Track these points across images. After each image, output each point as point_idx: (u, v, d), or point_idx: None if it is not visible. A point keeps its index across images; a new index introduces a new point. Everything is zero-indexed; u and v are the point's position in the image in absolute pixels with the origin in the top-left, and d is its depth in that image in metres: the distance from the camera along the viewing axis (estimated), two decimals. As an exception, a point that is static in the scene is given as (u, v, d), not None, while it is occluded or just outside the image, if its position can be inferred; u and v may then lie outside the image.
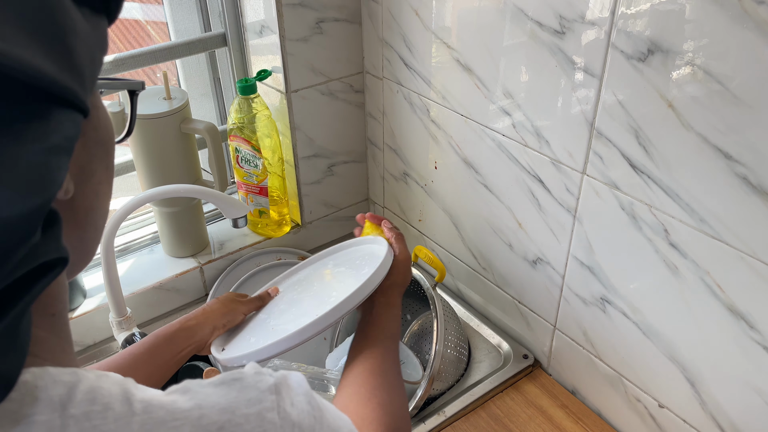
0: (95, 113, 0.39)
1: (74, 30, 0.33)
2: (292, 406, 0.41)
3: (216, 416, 0.37)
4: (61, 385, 0.34)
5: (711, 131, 0.70)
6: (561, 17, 0.82)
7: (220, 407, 0.38)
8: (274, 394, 0.40)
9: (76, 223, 0.39)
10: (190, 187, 1.01)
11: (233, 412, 0.38)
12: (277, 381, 0.41)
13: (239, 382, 0.40)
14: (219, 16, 1.19)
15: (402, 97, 1.16)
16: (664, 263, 0.81)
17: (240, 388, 0.39)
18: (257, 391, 0.40)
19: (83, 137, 0.37)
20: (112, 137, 0.42)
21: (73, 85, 0.33)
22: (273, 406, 0.40)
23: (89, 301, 1.12)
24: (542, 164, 0.93)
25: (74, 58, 0.33)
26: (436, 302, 1.02)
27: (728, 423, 0.82)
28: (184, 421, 0.36)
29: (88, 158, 0.38)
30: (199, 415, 0.37)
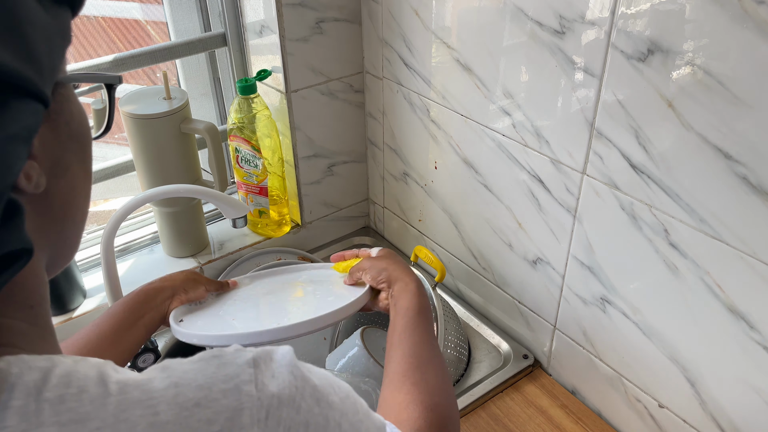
0: (67, 106, 0.39)
1: (29, 19, 0.33)
2: (272, 378, 0.40)
3: (192, 393, 0.37)
4: (36, 371, 0.34)
5: (711, 131, 0.70)
6: (561, 17, 0.82)
7: (197, 384, 0.37)
8: (252, 368, 0.40)
9: (53, 218, 0.39)
10: (190, 187, 1.00)
11: (210, 388, 0.37)
12: (256, 355, 0.41)
13: (218, 358, 0.40)
14: (219, 16, 1.19)
15: (402, 97, 1.16)
16: (664, 263, 0.81)
17: (218, 365, 0.39)
18: (235, 366, 0.39)
19: (55, 131, 0.37)
20: (87, 132, 0.42)
21: (29, 73, 0.33)
22: (250, 379, 0.39)
23: (89, 301, 1.12)
24: (542, 164, 0.93)
25: (30, 47, 0.33)
26: (436, 302, 1.02)
27: (728, 423, 0.82)
28: (160, 400, 0.36)
29: (61, 152, 0.38)
30: (175, 393, 0.36)
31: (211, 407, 0.37)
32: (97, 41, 2.33)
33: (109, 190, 1.29)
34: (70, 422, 0.33)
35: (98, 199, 1.42)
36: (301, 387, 0.41)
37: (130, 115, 1.05)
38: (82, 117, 0.41)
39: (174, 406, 0.36)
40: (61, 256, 0.42)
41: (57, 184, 0.38)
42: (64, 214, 0.40)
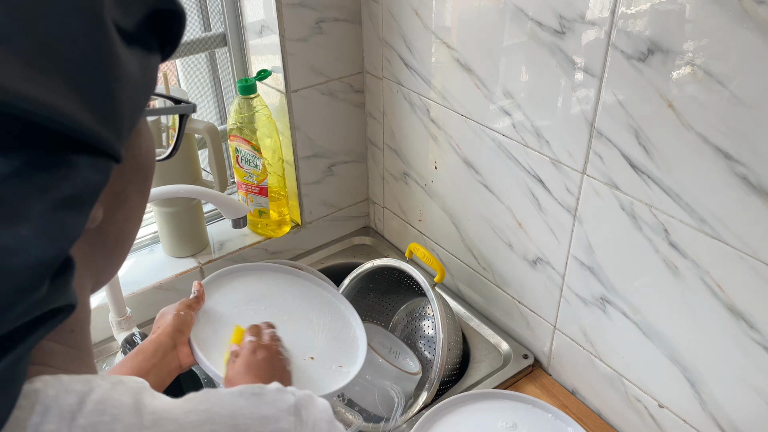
0: (137, 140, 0.38)
1: (120, 78, 0.32)
2: (313, 429, 0.39)
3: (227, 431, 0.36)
4: (73, 395, 0.33)
5: (711, 131, 0.70)
6: (561, 17, 0.82)
7: (234, 423, 0.36)
8: (293, 416, 0.38)
9: (104, 249, 0.38)
10: (190, 188, 1.00)
11: (246, 429, 0.36)
12: (298, 401, 0.40)
13: (258, 397, 0.39)
14: (219, 16, 1.19)
15: (402, 97, 1.16)
16: (664, 263, 0.81)
17: (258, 404, 0.38)
18: (276, 409, 0.38)
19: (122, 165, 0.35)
20: (152, 163, 0.41)
21: (110, 135, 0.31)
22: (290, 428, 0.38)
23: (89, 301, 1.12)
24: (542, 164, 0.93)
25: (115, 106, 0.31)
26: (436, 303, 1.02)
27: (728, 423, 0.82)
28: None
29: (123, 184, 0.37)
30: (210, 431, 0.36)
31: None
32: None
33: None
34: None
35: (98, 199, 1.42)
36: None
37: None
38: (150, 149, 0.40)
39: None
40: (105, 280, 0.42)
41: (113, 216, 0.37)
42: (116, 243, 0.39)
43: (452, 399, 0.97)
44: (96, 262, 0.38)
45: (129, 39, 0.33)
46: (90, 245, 0.37)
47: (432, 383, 0.99)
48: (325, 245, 1.37)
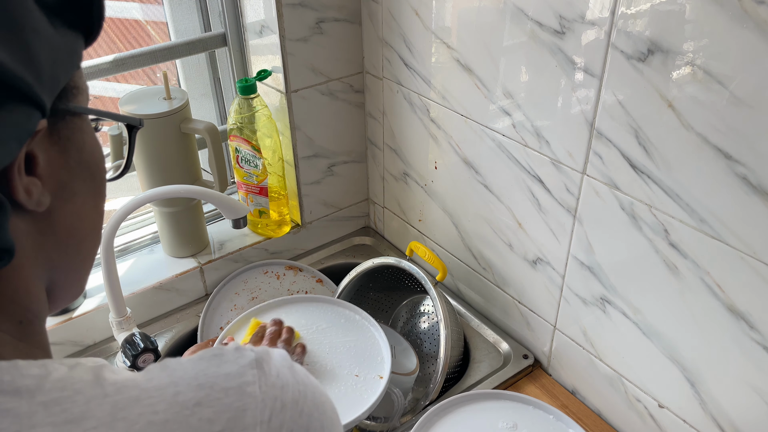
0: (80, 136, 0.40)
1: (33, 27, 0.34)
2: (277, 377, 0.40)
3: (193, 392, 0.36)
4: (30, 378, 0.34)
5: (711, 131, 0.70)
6: (561, 17, 0.82)
7: (198, 383, 0.37)
8: (255, 369, 0.39)
9: (56, 241, 0.39)
10: (190, 188, 1.01)
11: (211, 387, 0.37)
12: (258, 356, 0.40)
13: (219, 357, 0.39)
14: (219, 16, 1.19)
15: (402, 97, 1.16)
16: (664, 263, 0.81)
17: (219, 363, 0.39)
18: (237, 365, 0.39)
19: (64, 155, 0.38)
20: (99, 164, 0.42)
21: (26, 77, 0.33)
22: (254, 380, 0.38)
23: (89, 301, 1.12)
24: (542, 164, 0.93)
25: (31, 52, 0.34)
26: (438, 301, 1.02)
27: (728, 423, 0.82)
28: (160, 399, 0.35)
29: (69, 177, 0.39)
30: (175, 392, 0.36)
31: (213, 406, 0.36)
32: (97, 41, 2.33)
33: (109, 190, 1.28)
34: (64, 423, 0.33)
35: (98, 199, 1.42)
36: (303, 391, 0.41)
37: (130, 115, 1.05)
38: (96, 151, 0.42)
39: (174, 405, 0.35)
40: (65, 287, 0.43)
41: (62, 207, 0.39)
42: (68, 239, 0.40)
43: (452, 399, 0.97)
44: (48, 254, 0.39)
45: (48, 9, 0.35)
46: (40, 232, 0.38)
47: (436, 381, 0.99)
48: (325, 245, 1.37)
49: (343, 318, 1.03)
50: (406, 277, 1.17)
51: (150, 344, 1.00)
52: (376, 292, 1.20)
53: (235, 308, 1.18)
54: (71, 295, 0.44)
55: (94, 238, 0.44)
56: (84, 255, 0.43)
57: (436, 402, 0.96)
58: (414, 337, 1.19)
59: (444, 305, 1.03)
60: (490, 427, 0.93)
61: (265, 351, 0.41)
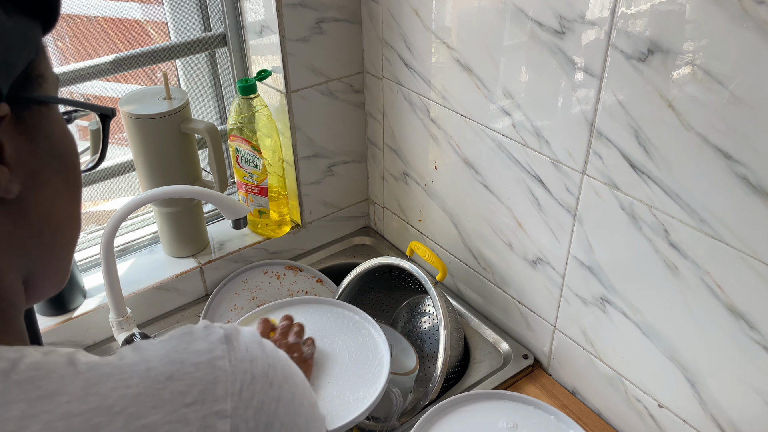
0: (47, 124, 0.40)
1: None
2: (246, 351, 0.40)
3: (164, 367, 0.37)
4: (4, 361, 0.34)
5: (711, 131, 0.70)
6: (561, 17, 0.82)
7: (169, 358, 0.38)
8: (224, 344, 0.40)
9: (29, 228, 0.40)
10: (190, 188, 1.00)
11: (182, 362, 0.38)
12: (227, 332, 0.41)
13: (189, 335, 0.40)
14: (219, 16, 1.19)
15: (402, 97, 1.16)
16: (664, 263, 0.81)
17: (189, 341, 0.40)
18: (207, 342, 0.40)
19: (32, 144, 0.39)
20: (71, 152, 0.42)
21: None
22: (224, 355, 0.39)
23: (89, 301, 1.12)
24: (542, 164, 0.93)
25: None
26: (438, 301, 1.02)
27: (728, 423, 0.82)
28: (132, 374, 0.36)
29: (39, 164, 0.39)
30: (146, 368, 0.37)
31: (184, 380, 0.37)
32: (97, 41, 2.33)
33: (109, 190, 1.29)
34: (38, 398, 0.33)
35: (98, 199, 1.42)
36: (272, 364, 0.42)
37: (130, 115, 1.05)
38: (66, 139, 0.42)
39: (146, 379, 0.36)
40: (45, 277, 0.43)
41: (34, 196, 0.39)
42: (42, 228, 0.41)
43: (452, 399, 0.97)
44: (23, 244, 0.40)
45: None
46: (11, 220, 0.38)
47: (436, 381, 0.99)
48: (325, 245, 1.37)
49: (342, 319, 1.03)
50: (407, 277, 1.17)
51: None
52: (376, 292, 1.20)
53: (235, 308, 1.18)
54: (52, 285, 0.44)
55: (71, 226, 0.44)
56: (60, 244, 0.43)
57: (436, 402, 0.96)
58: (414, 337, 1.19)
59: (444, 305, 1.03)
60: (490, 427, 0.93)
61: (234, 328, 0.42)
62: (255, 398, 0.39)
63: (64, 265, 0.45)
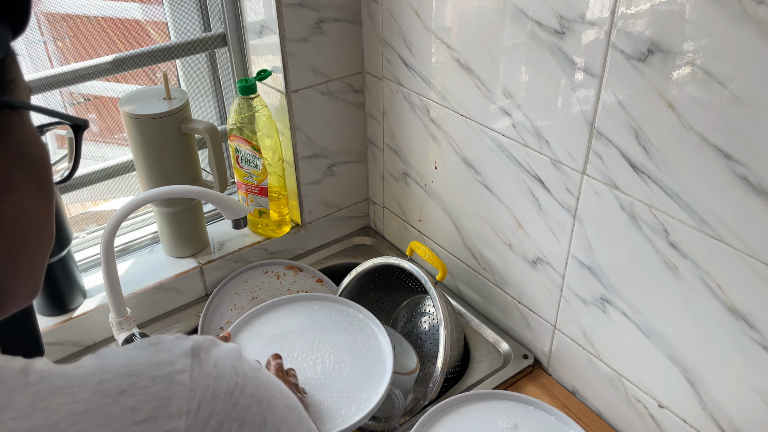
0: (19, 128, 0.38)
1: None
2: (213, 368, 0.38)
3: (118, 380, 0.35)
4: None
5: (711, 131, 0.70)
6: (561, 17, 0.82)
7: (125, 370, 0.36)
8: (189, 357, 0.38)
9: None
10: (190, 188, 1.00)
11: (139, 375, 0.36)
12: (196, 344, 0.39)
13: (154, 346, 0.38)
14: (219, 16, 1.19)
15: (402, 97, 1.16)
16: (664, 263, 0.81)
17: (153, 352, 0.38)
18: (171, 354, 0.38)
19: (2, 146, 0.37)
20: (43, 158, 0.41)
21: None
22: (185, 369, 0.37)
23: (89, 301, 1.12)
24: (542, 164, 0.93)
25: None
26: (438, 301, 1.02)
27: (728, 423, 0.82)
28: (82, 387, 0.34)
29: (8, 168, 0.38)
30: (99, 380, 0.35)
31: (137, 395, 0.35)
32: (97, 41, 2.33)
33: (109, 190, 1.29)
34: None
35: (98, 199, 1.42)
36: (242, 383, 0.39)
37: (130, 115, 1.05)
38: (38, 145, 0.40)
39: (97, 394, 0.35)
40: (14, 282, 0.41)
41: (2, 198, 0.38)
42: (11, 232, 0.39)
43: (452, 399, 0.97)
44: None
45: None
46: None
47: (435, 381, 0.99)
48: (325, 245, 1.37)
49: (345, 317, 1.03)
50: (407, 277, 1.17)
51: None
52: (376, 292, 1.20)
53: (235, 308, 1.18)
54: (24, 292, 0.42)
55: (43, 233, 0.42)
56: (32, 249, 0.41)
57: (436, 402, 0.96)
58: (414, 337, 1.19)
59: (444, 305, 1.03)
60: (491, 427, 0.93)
61: (208, 341, 0.40)
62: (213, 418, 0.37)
63: (36, 272, 0.42)
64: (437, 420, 0.95)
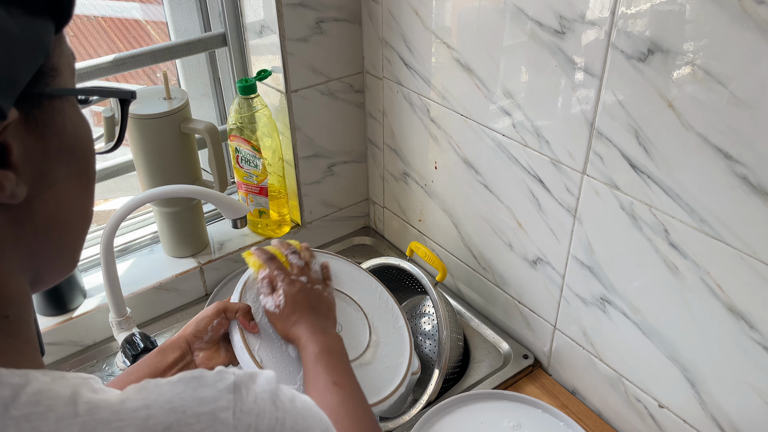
0: (60, 119, 0.38)
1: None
2: (254, 404, 0.39)
3: (164, 416, 0.36)
4: (7, 387, 0.33)
5: (711, 131, 0.70)
6: (561, 17, 0.82)
7: (170, 407, 0.36)
8: (231, 393, 0.39)
9: (34, 230, 0.38)
10: (190, 188, 1.00)
11: (184, 411, 0.36)
12: (238, 380, 0.40)
13: (197, 380, 0.39)
14: (219, 16, 1.19)
15: (402, 97, 1.16)
16: (664, 263, 0.81)
17: (196, 387, 0.38)
18: (214, 390, 0.38)
19: (41, 143, 0.37)
20: (84, 146, 0.40)
21: None
22: (228, 406, 0.38)
23: (89, 301, 1.12)
24: (542, 164, 0.93)
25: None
26: (438, 301, 1.02)
27: (728, 423, 0.82)
28: (129, 422, 0.35)
29: (48, 163, 0.38)
30: (146, 416, 0.35)
31: (182, 431, 0.36)
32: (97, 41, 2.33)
33: (109, 190, 1.29)
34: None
35: (98, 199, 1.42)
36: (281, 418, 0.40)
37: (130, 115, 1.05)
38: (79, 131, 0.40)
39: (143, 429, 0.35)
40: (53, 270, 0.41)
41: (41, 197, 0.37)
42: (49, 227, 0.39)
43: (452, 399, 0.97)
44: (29, 245, 0.38)
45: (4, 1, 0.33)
46: (16, 225, 0.37)
47: (435, 381, 0.99)
48: (325, 245, 1.37)
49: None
50: (407, 278, 1.17)
51: (150, 344, 1.00)
52: (376, 292, 1.20)
53: (235, 308, 1.18)
54: (62, 275, 0.43)
55: (82, 219, 0.42)
56: (71, 237, 0.41)
57: (436, 402, 0.96)
58: (414, 338, 1.19)
59: (444, 306, 1.03)
60: (491, 427, 0.93)
61: (248, 375, 0.41)
62: None
63: (73, 256, 0.43)
64: (437, 420, 0.95)
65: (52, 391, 0.34)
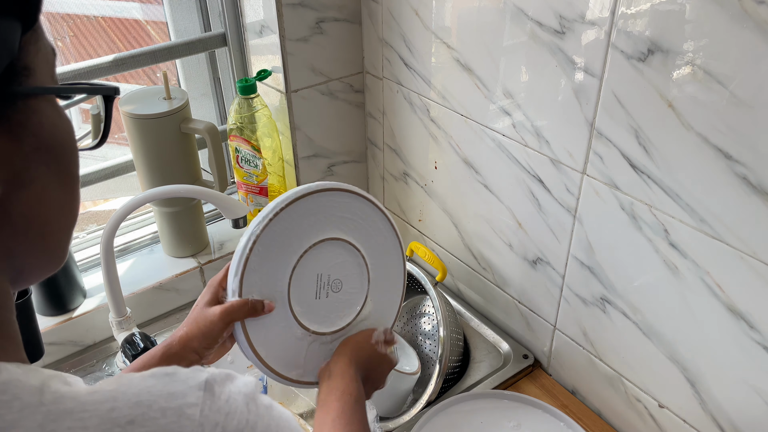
0: (35, 118, 0.37)
1: None
2: (225, 402, 0.38)
3: (128, 409, 0.35)
4: None
5: (711, 131, 0.70)
6: (561, 17, 0.82)
7: (137, 400, 0.36)
8: (202, 391, 0.38)
9: (12, 230, 0.37)
10: (190, 188, 1.00)
11: (150, 406, 0.36)
12: (211, 378, 0.39)
13: (170, 376, 0.38)
14: (219, 16, 1.19)
15: (402, 97, 1.16)
16: (664, 263, 0.81)
17: (167, 382, 0.37)
18: (185, 386, 0.38)
19: (15, 143, 0.36)
20: (64, 144, 0.40)
21: None
22: (197, 402, 0.37)
23: (89, 301, 1.12)
24: (542, 164, 0.93)
25: None
26: (438, 302, 1.02)
27: (728, 423, 0.82)
28: (93, 413, 0.34)
29: (24, 163, 0.37)
30: (110, 408, 0.35)
31: (146, 426, 0.35)
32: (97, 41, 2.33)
33: (109, 190, 1.29)
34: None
35: (98, 199, 1.42)
36: (252, 421, 0.39)
37: (130, 115, 1.05)
38: (57, 129, 0.39)
39: (106, 422, 0.34)
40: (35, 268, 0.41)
41: (18, 196, 0.37)
42: (27, 226, 0.38)
43: (452, 399, 0.97)
44: (6, 245, 0.37)
45: None
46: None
47: (435, 381, 0.99)
48: (325, 245, 1.36)
49: None
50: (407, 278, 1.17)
51: (150, 344, 1.00)
52: (376, 292, 1.20)
53: (235, 308, 1.18)
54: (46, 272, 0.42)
55: (64, 217, 0.41)
56: (53, 236, 0.40)
57: (436, 402, 0.96)
58: (415, 338, 1.19)
59: (443, 306, 1.03)
60: (491, 427, 0.94)
61: (224, 375, 0.40)
62: None
63: (58, 253, 0.42)
64: (437, 420, 0.95)
65: (21, 381, 0.34)
